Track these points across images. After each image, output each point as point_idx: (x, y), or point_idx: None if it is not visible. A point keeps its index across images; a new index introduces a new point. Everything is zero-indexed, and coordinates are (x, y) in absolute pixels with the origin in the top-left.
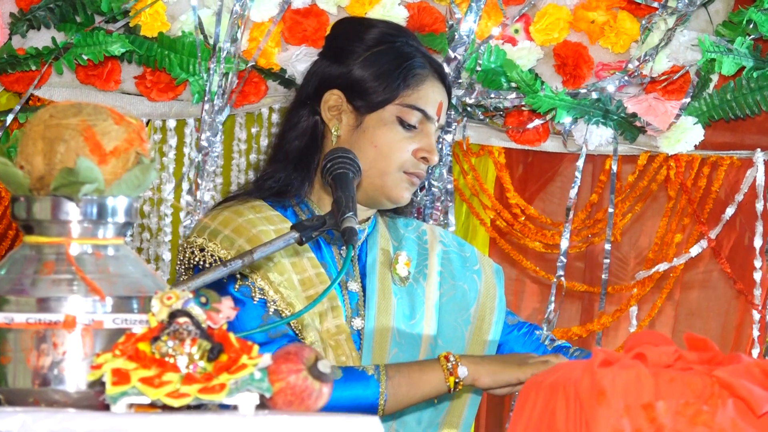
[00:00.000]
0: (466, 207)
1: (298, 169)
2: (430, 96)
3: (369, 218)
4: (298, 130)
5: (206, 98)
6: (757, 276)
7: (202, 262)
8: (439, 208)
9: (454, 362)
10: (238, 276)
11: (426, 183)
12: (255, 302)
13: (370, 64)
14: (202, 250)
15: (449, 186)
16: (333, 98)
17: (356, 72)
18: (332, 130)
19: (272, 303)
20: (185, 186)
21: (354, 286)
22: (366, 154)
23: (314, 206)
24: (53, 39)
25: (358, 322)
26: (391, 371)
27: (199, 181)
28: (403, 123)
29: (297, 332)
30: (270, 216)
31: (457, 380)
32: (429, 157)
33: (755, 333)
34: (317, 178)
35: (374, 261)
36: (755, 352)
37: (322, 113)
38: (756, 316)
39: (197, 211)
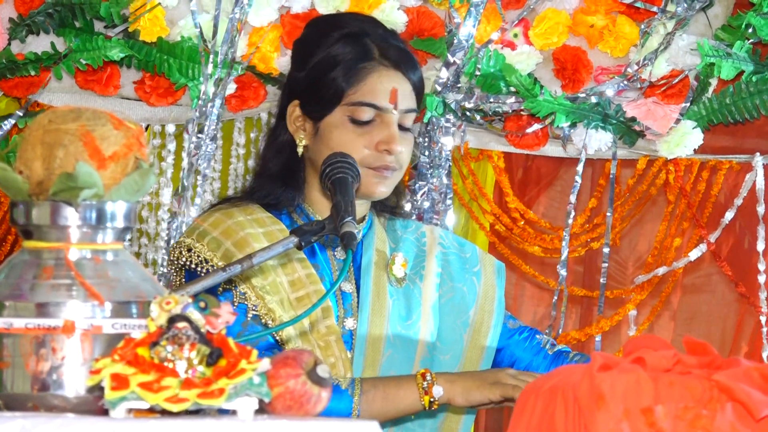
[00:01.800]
0: (465, 211)
1: (287, 184)
2: (378, 87)
3: (364, 218)
4: (277, 146)
5: (201, 102)
6: (762, 279)
7: (189, 263)
8: (438, 211)
9: (430, 381)
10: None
11: (426, 187)
12: (234, 306)
13: (314, 69)
14: (189, 250)
15: (448, 190)
16: (295, 110)
17: (305, 80)
18: (297, 142)
19: (252, 309)
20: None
21: (347, 286)
22: (323, 159)
23: (309, 209)
24: (52, 44)
25: (350, 323)
26: (366, 386)
27: (186, 183)
28: (355, 121)
29: (281, 342)
30: (261, 218)
31: (432, 399)
32: (389, 148)
33: (765, 336)
34: (308, 184)
35: (369, 262)
36: (765, 354)
37: (288, 126)
38: (763, 319)
39: (183, 211)
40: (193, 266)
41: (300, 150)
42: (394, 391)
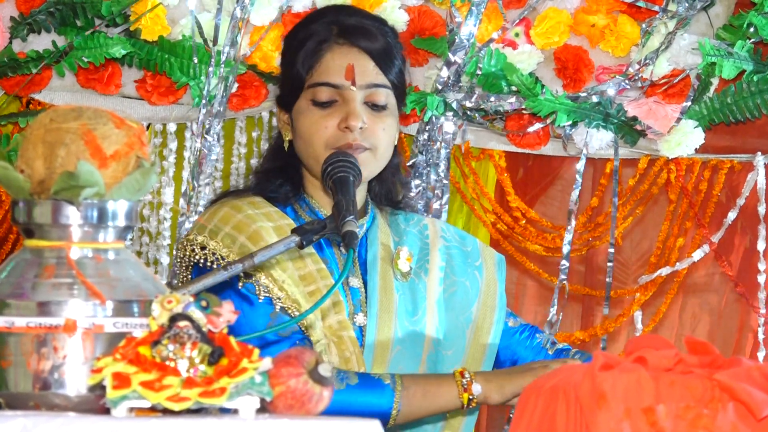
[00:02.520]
0: (467, 210)
1: (285, 180)
2: (331, 65)
3: (366, 212)
4: (275, 146)
5: (204, 101)
6: (761, 279)
7: (203, 261)
8: (433, 207)
9: (468, 379)
10: (242, 274)
11: (421, 186)
12: (261, 300)
13: (284, 62)
14: (203, 248)
15: (445, 189)
16: (280, 110)
17: (281, 75)
18: (284, 137)
19: (278, 300)
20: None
21: (355, 282)
22: (299, 148)
23: (313, 202)
24: (54, 42)
25: (360, 318)
26: (407, 381)
27: (195, 183)
28: (316, 103)
29: (303, 330)
30: (269, 212)
31: (471, 397)
32: (348, 125)
33: (761, 336)
34: (305, 178)
35: (375, 256)
36: (761, 354)
37: (278, 124)
38: (761, 319)
39: (193, 213)
40: (207, 264)
41: (286, 145)
42: (434, 388)
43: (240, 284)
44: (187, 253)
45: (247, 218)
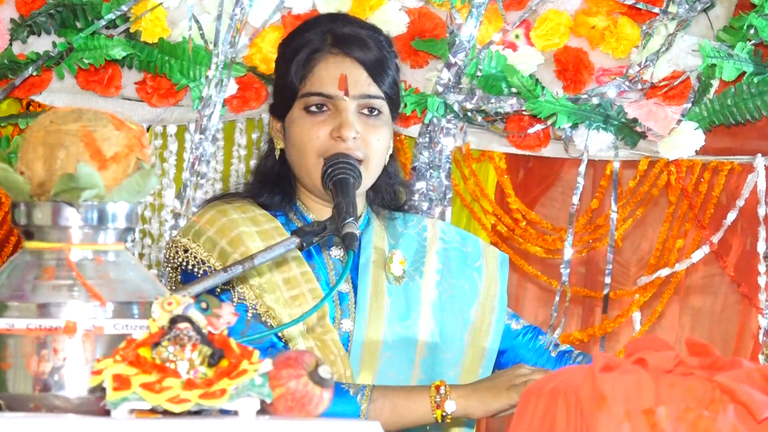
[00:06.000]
0: (467, 212)
1: (279, 187)
2: (325, 75)
3: (361, 215)
4: (268, 152)
5: (201, 103)
6: (762, 281)
7: (185, 264)
8: (435, 212)
9: (443, 394)
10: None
11: (424, 188)
12: (234, 306)
13: (277, 71)
14: (186, 251)
15: (448, 191)
16: (273, 118)
17: (274, 83)
18: (276, 146)
19: (252, 308)
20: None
21: (344, 286)
22: (291, 157)
23: (303, 207)
24: (53, 44)
25: (347, 324)
26: (376, 394)
27: (188, 183)
28: (309, 112)
29: (283, 338)
30: (255, 216)
31: (444, 413)
32: (340, 134)
33: (761, 338)
34: (297, 187)
35: (368, 260)
36: (761, 357)
37: (270, 131)
38: (762, 321)
39: (184, 213)
40: (189, 267)
41: (277, 153)
42: (403, 402)
43: (217, 289)
44: (172, 255)
45: (230, 222)
